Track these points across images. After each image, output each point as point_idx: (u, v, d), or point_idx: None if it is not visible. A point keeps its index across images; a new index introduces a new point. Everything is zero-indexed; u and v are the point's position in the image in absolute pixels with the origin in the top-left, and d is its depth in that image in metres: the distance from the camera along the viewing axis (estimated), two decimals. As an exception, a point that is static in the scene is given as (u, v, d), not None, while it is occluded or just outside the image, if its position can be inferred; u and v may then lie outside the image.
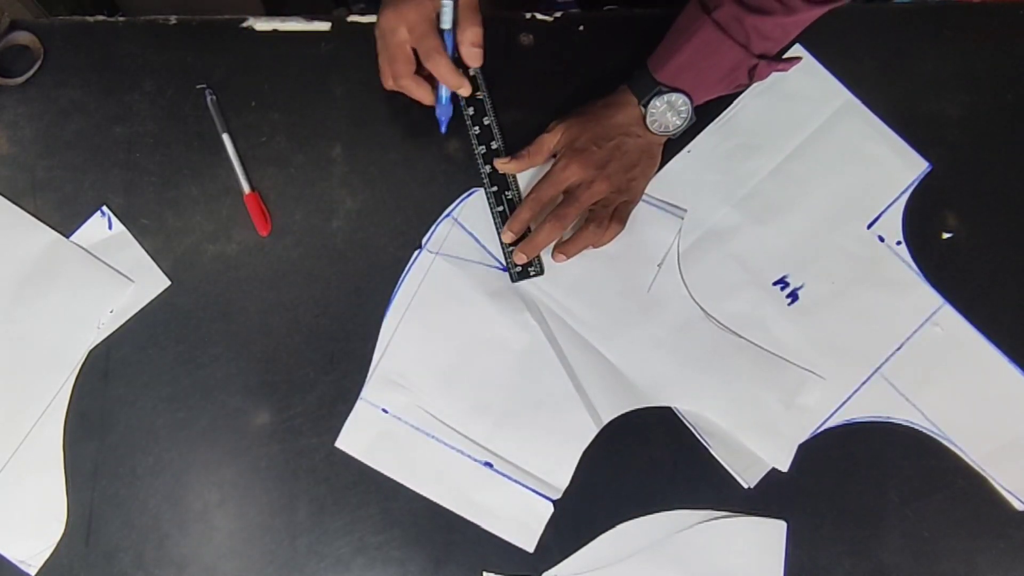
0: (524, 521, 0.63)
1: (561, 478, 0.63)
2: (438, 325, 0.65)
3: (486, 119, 0.67)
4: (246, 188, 0.66)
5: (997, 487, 0.64)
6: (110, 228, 0.66)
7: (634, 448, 0.64)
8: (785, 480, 0.64)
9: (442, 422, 0.64)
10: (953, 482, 0.64)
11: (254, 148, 0.67)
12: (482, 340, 0.65)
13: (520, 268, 0.65)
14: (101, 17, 0.69)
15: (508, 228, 0.64)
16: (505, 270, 0.66)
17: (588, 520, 0.63)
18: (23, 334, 0.64)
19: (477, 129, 0.67)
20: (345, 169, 0.67)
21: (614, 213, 0.63)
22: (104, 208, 0.66)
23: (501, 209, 0.66)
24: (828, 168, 0.67)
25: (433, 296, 0.65)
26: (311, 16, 0.69)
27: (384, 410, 0.64)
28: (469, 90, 0.60)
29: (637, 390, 0.64)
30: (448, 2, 0.56)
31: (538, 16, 0.70)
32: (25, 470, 0.63)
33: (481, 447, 0.64)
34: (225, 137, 0.67)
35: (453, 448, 0.64)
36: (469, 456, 0.64)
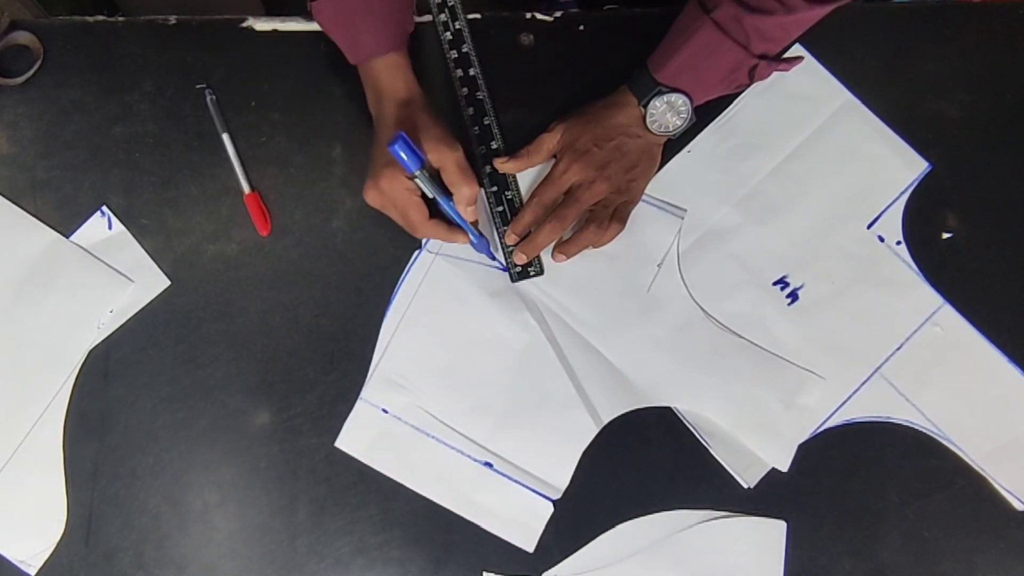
0: (524, 521, 0.63)
1: (561, 478, 0.63)
2: (438, 325, 0.65)
3: (486, 119, 0.67)
4: (246, 188, 0.66)
5: (997, 487, 0.64)
6: (110, 228, 0.66)
7: (634, 448, 0.64)
8: (785, 480, 0.64)
9: (442, 422, 0.64)
10: (953, 482, 0.64)
11: (254, 148, 0.67)
12: (482, 340, 0.65)
13: (520, 268, 0.65)
14: (101, 17, 0.69)
15: (511, 231, 0.64)
16: (505, 270, 0.66)
17: (588, 520, 0.63)
18: (23, 334, 0.64)
19: (477, 129, 0.67)
20: (345, 169, 0.67)
21: (614, 213, 0.63)
22: (104, 208, 0.66)
23: (501, 209, 0.66)
24: (828, 168, 0.67)
25: (433, 296, 0.65)
26: (311, 16, 0.69)
27: (384, 410, 0.64)
28: (467, 239, 0.62)
29: (637, 390, 0.64)
30: (417, 172, 0.55)
31: (538, 16, 0.70)
32: (25, 470, 0.63)
33: (481, 447, 0.64)
34: (225, 137, 0.67)
35: (453, 448, 0.64)
36: (469, 456, 0.64)
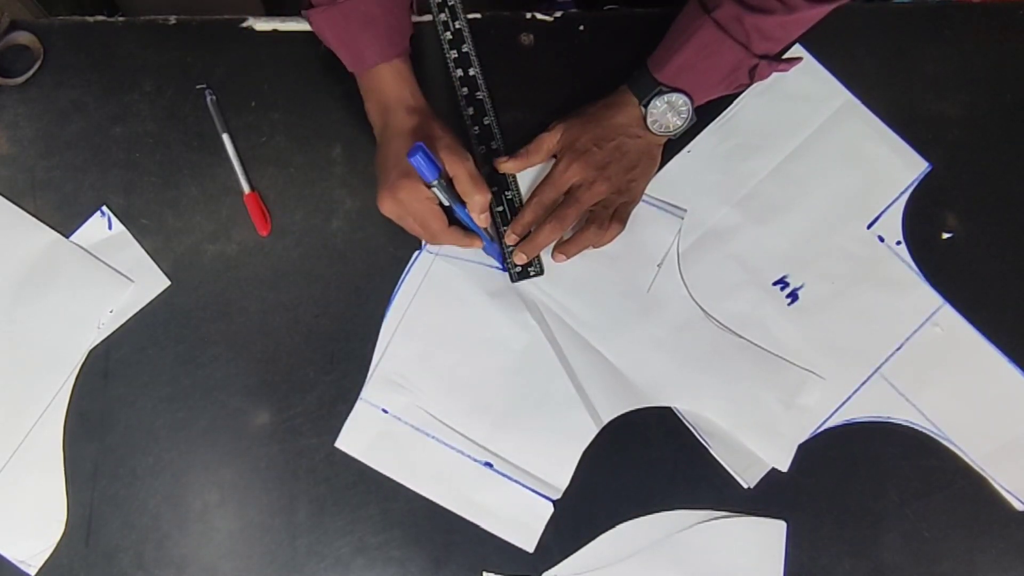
0: (524, 521, 0.63)
1: (561, 478, 0.63)
2: (438, 325, 0.65)
3: (486, 119, 0.67)
4: (246, 188, 0.66)
5: (997, 487, 0.64)
6: (110, 228, 0.66)
7: (634, 448, 0.64)
8: (785, 480, 0.64)
9: (442, 422, 0.64)
10: (953, 482, 0.64)
11: (254, 148, 0.67)
12: (482, 340, 0.65)
13: (520, 268, 0.65)
14: (101, 17, 0.69)
15: (511, 231, 0.64)
16: (505, 270, 0.66)
17: (588, 520, 0.63)
18: (23, 334, 0.64)
19: (477, 129, 0.67)
20: (345, 169, 0.67)
21: (614, 214, 0.63)
22: (104, 208, 0.66)
23: (501, 209, 0.66)
24: (828, 168, 0.67)
25: (433, 296, 0.65)
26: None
27: (384, 410, 0.64)
28: (481, 244, 0.62)
29: (637, 390, 0.64)
30: (435, 181, 0.55)
31: (538, 16, 0.70)
32: (25, 470, 0.63)
33: (481, 447, 0.64)
34: (225, 137, 0.67)
35: (453, 448, 0.64)
36: (469, 456, 0.64)
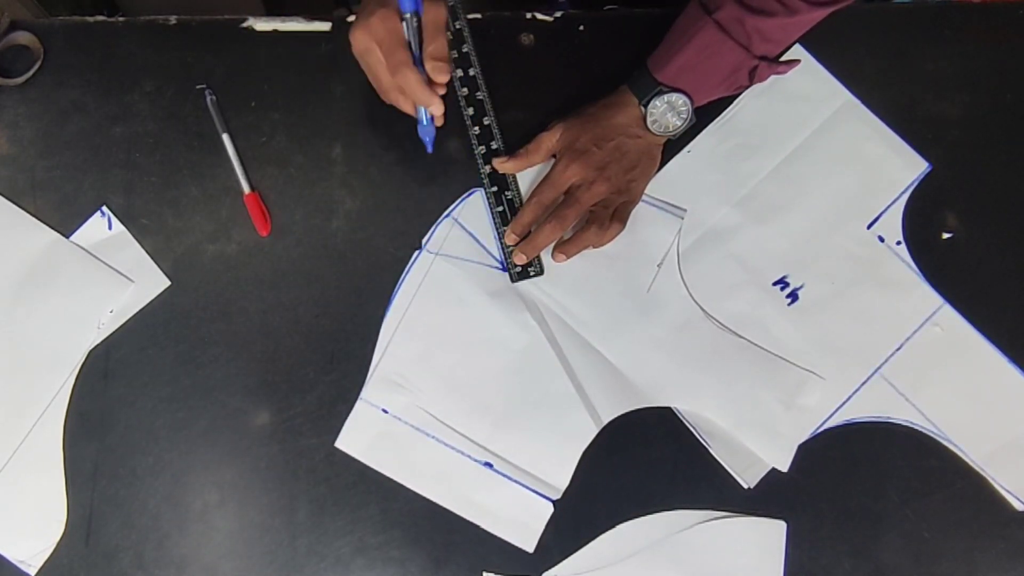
0: (524, 521, 0.63)
1: (561, 478, 0.63)
2: (438, 325, 0.65)
3: (486, 119, 0.67)
4: (246, 188, 0.66)
5: (997, 487, 0.64)
6: (110, 228, 0.66)
7: (634, 448, 0.64)
8: (785, 480, 0.64)
9: (442, 422, 0.64)
10: (953, 482, 0.64)
11: (254, 148, 0.67)
12: (482, 340, 0.65)
13: (520, 268, 0.65)
14: (101, 17, 0.69)
15: (511, 231, 0.64)
16: (505, 270, 0.66)
17: (588, 520, 0.63)
18: (23, 334, 0.64)
19: (477, 129, 0.67)
20: (345, 169, 0.67)
21: (614, 214, 0.63)
22: (104, 208, 0.66)
23: (501, 209, 0.66)
24: (828, 168, 0.67)
25: (433, 296, 0.65)
26: (311, 16, 0.69)
27: (384, 410, 0.64)
28: (441, 109, 0.58)
29: (637, 390, 0.64)
30: (408, 14, 0.54)
31: (538, 16, 0.70)
32: (25, 470, 0.63)
33: (481, 447, 0.64)
34: (225, 137, 0.67)
35: (453, 448, 0.64)
36: (469, 456, 0.64)
